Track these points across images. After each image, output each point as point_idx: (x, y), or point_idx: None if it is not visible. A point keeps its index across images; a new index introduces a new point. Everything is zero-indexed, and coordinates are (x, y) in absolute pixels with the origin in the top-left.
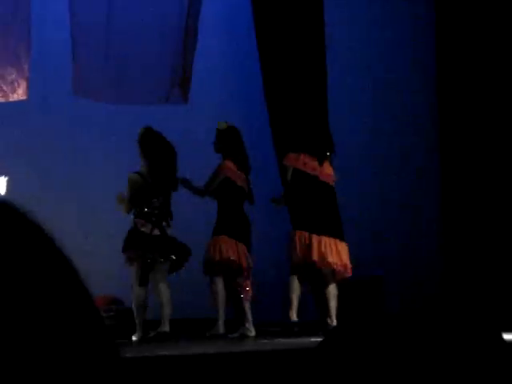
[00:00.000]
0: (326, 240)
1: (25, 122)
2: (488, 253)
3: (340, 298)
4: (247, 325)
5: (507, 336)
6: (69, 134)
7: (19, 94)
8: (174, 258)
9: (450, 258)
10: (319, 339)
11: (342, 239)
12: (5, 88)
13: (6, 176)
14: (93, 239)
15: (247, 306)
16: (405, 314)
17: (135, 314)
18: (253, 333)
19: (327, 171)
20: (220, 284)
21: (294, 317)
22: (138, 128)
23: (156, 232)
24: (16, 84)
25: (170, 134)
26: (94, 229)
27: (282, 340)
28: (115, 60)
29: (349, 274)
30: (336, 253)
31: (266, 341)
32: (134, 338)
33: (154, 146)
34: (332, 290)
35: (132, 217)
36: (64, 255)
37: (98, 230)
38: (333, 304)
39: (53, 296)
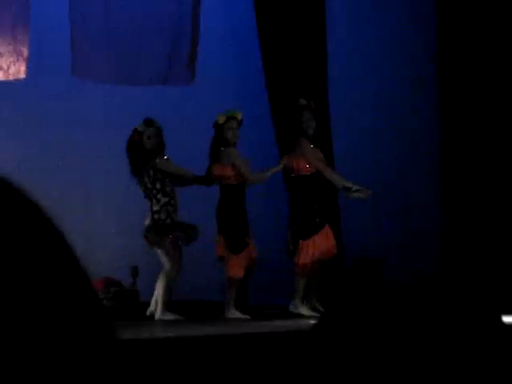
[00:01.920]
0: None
1: (22, 101)
2: (487, 235)
3: (338, 281)
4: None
5: (507, 318)
6: (66, 114)
7: (17, 72)
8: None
9: (448, 241)
10: (314, 321)
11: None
12: (4, 66)
13: None
14: (91, 220)
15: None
16: (402, 295)
17: (164, 294)
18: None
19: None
20: None
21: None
22: (136, 108)
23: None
24: (14, 63)
25: (168, 115)
26: (92, 210)
27: (278, 322)
28: (115, 41)
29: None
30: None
31: (263, 323)
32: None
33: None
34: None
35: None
36: (61, 235)
37: (96, 210)
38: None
39: (49, 275)
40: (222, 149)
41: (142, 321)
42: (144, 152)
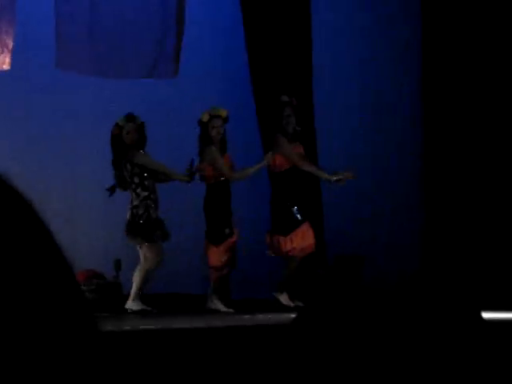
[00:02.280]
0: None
1: (6, 92)
2: (468, 234)
3: (319, 277)
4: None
5: (486, 315)
6: (51, 106)
7: (2, 63)
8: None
9: (430, 238)
10: (293, 315)
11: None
12: None
13: None
14: (76, 213)
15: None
16: (382, 292)
17: (140, 286)
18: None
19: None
20: None
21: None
22: (122, 101)
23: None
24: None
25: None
26: (77, 203)
27: (260, 316)
28: (100, 34)
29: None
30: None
31: (244, 316)
32: (134, 308)
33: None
34: None
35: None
36: (46, 227)
37: (81, 204)
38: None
39: (33, 267)
40: (204, 148)
41: (125, 313)
42: (123, 146)
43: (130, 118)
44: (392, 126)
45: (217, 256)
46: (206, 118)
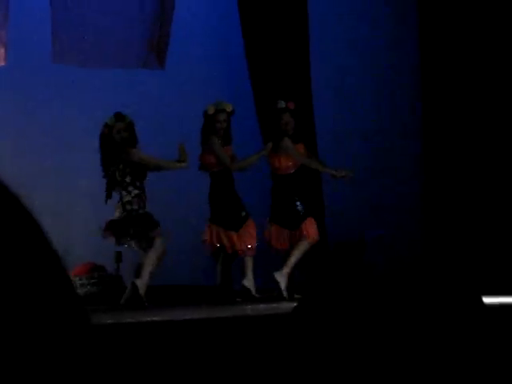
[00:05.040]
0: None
1: (2, 88)
2: (470, 217)
3: (320, 264)
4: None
5: (487, 300)
6: (47, 101)
7: None
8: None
9: (431, 224)
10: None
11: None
12: None
13: None
14: (74, 205)
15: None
16: (383, 279)
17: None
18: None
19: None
20: None
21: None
22: (116, 93)
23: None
24: None
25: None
26: (75, 195)
27: (261, 305)
28: (93, 26)
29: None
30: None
31: (246, 306)
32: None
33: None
34: None
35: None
36: (33, 220)
37: (78, 196)
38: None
39: (22, 262)
40: (206, 138)
41: (126, 305)
42: (114, 145)
43: (119, 117)
44: (392, 117)
45: (250, 236)
46: (211, 111)
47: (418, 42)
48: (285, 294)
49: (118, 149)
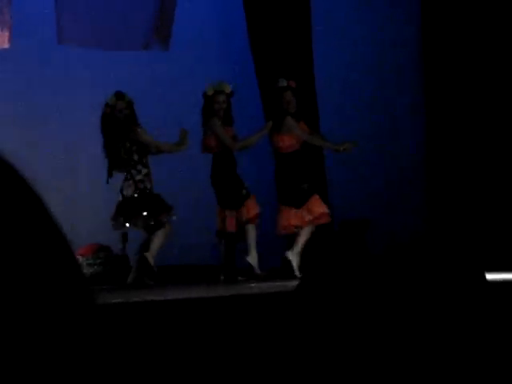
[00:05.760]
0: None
1: (7, 70)
2: (473, 195)
3: (324, 243)
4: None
5: (490, 276)
6: (52, 83)
7: (2, 42)
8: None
9: (434, 201)
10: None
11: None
12: None
13: None
14: (79, 187)
15: None
16: (385, 257)
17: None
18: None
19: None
20: None
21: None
22: (121, 76)
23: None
24: None
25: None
26: (80, 176)
27: (264, 284)
28: (96, 7)
29: None
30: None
31: (250, 284)
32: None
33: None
34: None
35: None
36: (39, 200)
37: (83, 177)
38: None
39: (28, 243)
40: (207, 119)
41: (133, 284)
42: (117, 124)
43: (119, 95)
44: (394, 99)
45: (252, 207)
46: (210, 92)
47: (421, 41)
48: (297, 272)
49: (122, 127)
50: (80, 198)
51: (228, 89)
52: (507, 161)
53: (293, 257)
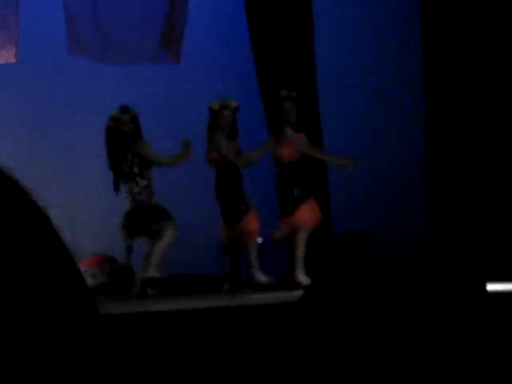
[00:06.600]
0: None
1: (14, 85)
2: (475, 204)
3: (325, 254)
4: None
5: (491, 287)
6: (57, 95)
7: (9, 57)
8: None
9: (436, 212)
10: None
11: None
12: None
13: None
14: (82, 197)
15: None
16: (387, 268)
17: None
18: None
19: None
20: None
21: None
22: (131, 88)
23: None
24: (4, 47)
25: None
26: (83, 189)
27: (267, 295)
28: (106, 20)
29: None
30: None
31: (253, 295)
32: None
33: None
34: None
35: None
36: (41, 211)
37: (87, 190)
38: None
39: (29, 252)
40: (212, 133)
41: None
42: (121, 136)
43: (124, 109)
44: (395, 109)
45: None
46: (215, 106)
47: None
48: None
49: (126, 140)
50: (82, 208)
51: (234, 104)
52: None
53: (301, 277)
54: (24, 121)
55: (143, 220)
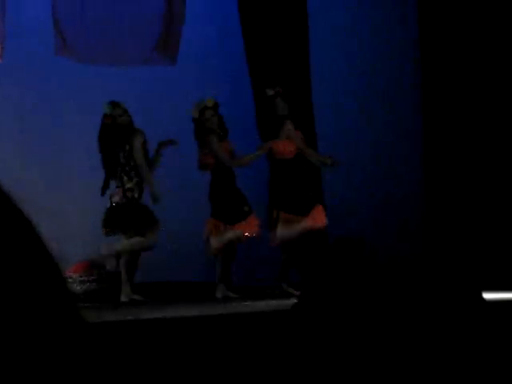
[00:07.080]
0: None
1: (2, 85)
2: (470, 214)
3: (319, 260)
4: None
5: (487, 295)
6: (47, 97)
7: None
8: None
9: (433, 220)
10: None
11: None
12: None
13: None
14: (67, 205)
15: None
16: (382, 275)
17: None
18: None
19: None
20: None
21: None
22: (121, 89)
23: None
24: None
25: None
26: (71, 193)
27: (261, 303)
28: (97, 20)
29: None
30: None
31: (245, 303)
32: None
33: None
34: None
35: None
36: (24, 217)
37: (75, 194)
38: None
39: (15, 260)
40: (203, 138)
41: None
42: (118, 129)
43: (115, 104)
44: (392, 112)
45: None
46: (196, 114)
47: (419, 44)
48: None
49: (123, 132)
50: (72, 212)
51: (211, 103)
52: (508, 180)
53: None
54: (15, 121)
55: (130, 218)
